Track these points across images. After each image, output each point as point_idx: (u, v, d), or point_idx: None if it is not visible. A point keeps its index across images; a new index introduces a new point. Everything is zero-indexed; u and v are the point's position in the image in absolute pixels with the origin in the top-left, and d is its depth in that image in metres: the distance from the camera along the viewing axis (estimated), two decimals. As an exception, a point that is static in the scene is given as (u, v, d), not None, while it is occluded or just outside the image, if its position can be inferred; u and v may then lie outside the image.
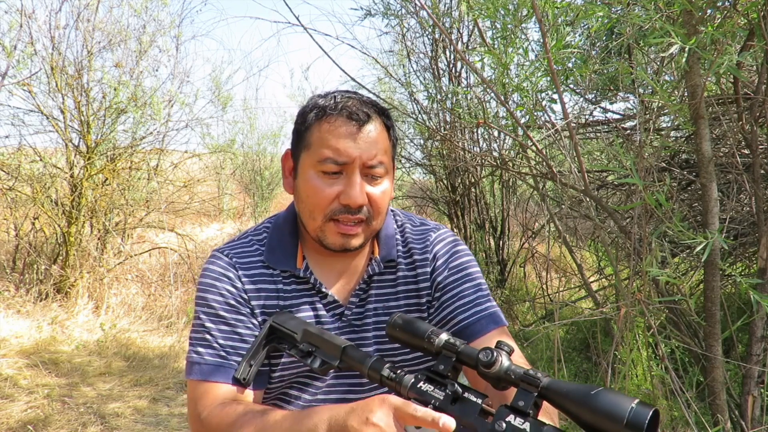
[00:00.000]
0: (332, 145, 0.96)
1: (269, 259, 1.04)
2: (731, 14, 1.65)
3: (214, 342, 0.98)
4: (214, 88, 5.68)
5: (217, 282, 1.02)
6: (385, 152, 1.00)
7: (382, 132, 1.00)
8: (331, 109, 0.98)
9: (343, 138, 0.96)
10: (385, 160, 0.99)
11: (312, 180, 0.98)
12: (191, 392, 0.97)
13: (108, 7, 4.37)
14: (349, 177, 0.97)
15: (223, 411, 0.93)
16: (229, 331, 0.99)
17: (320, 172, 0.97)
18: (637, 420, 0.64)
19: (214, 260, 1.05)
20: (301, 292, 1.04)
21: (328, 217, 0.98)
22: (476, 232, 4.40)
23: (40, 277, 4.08)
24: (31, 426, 2.43)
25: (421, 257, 1.08)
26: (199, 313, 1.01)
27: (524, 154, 2.77)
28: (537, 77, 1.98)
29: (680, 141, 2.54)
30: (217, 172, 7.24)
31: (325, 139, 0.97)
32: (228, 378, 0.96)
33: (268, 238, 1.07)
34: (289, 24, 2.28)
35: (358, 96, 1.02)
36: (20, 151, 4.16)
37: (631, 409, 0.65)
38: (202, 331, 1.00)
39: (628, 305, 1.88)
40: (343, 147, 0.96)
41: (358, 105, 0.98)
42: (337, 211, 0.97)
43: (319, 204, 0.98)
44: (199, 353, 0.98)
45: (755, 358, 1.89)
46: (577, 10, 1.97)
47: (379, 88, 4.88)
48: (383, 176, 1.00)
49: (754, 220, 1.99)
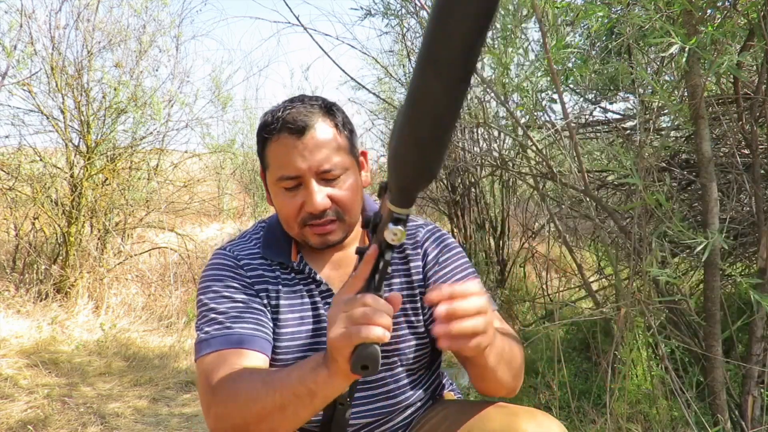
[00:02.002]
0: (282, 164, 1.01)
1: (266, 252, 1.08)
2: (731, 14, 1.65)
3: (218, 316, 1.00)
4: (214, 88, 5.67)
5: (217, 271, 1.06)
6: (338, 150, 1.02)
7: (328, 132, 1.01)
8: (273, 127, 1.01)
9: (288, 154, 1.00)
10: (338, 159, 1.01)
11: (278, 196, 1.04)
12: (201, 369, 0.96)
13: (108, 7, 4.37)
14: (306, 187, 1.01)
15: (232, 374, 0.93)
16: (238, 306, 1.01)
17: (281, 188, 1.02)
18: None
19: (215, 256, 1.10)
20: (299, 280, 1.08)
21: (302, 224, 1.03)
22: (476, 232, 4.40)
23: (40, 277, 4.08)
24: (31, 426, 2.43)
25: (413, 251, 1.11)
26: (201, 300, 1.04)
27: (524, 154, 2.76)
28: (537, 77, 1.98)
29: (680, 141, 2.54)
30: (217, 172, 7.24)
31: (275, 158, 1.02)
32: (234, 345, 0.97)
33: (264, 236, 1.11)
34: (289, 24, 2.28)
35: (299, 103, 1.03)
36: (20, 151, 4.16)
37: None
38: (208, 313, 1.01)
39: (628, 305, 1.88)
40: (290, 163, 0.99)
41: (296, 115, 1.00)
42: (306, 218, 1.02)
43: (289, 215, 1.03)
44: (209, 332, 0.99)
45: (755, 358, 1.89)
46: (577, 10, 1.97)
47: (379, 88, 4.88)
48: (342, 174, 1.02)
49: (754, 220, 1.99)
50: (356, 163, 1.08)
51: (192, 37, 8.00)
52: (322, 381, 0.82)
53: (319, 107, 1.03)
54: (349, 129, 1.07)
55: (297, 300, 1.06)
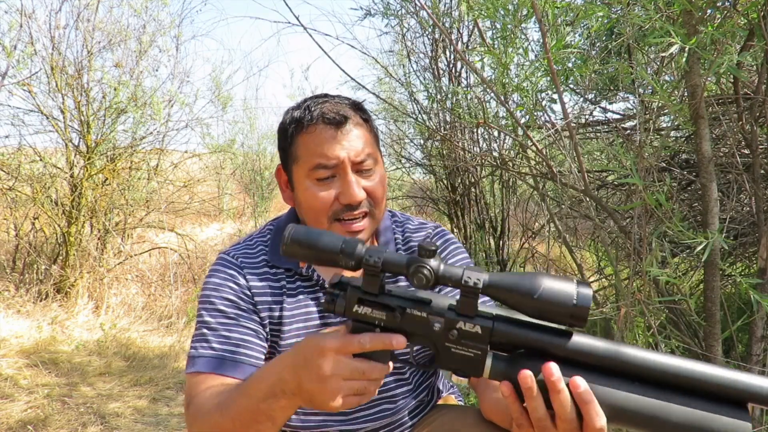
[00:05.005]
0: (319, 153, 1.00)
1: (273, 258, 1.06)
2: (731, 14, 1.65)
3: (211, 336, 0.99)
4: (214, 88, 5.68)
5: (219, 280, 1.04)
6: (369, 144, 1.04)
7: (361, 127, 1.04)
8: (308, 119, 1.01)
9: (326, 144, 1.00)
10: (371, 152, 1.03)
11: (309, 189, 1.02)
12: (187, 386, 0.98)
13: (108, 7, 4.37)
14: (343, 178, 1.00)
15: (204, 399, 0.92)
16: (229, 323, 1.00)
17: (314, 180, 1.01)
18: (583, 304, 0.66)
19: (219, 261, 1.08)
20: (305, 288, 1.06)
21: (332, 219, 1.01)
22: (476, 232, 4.40)
23: (40, 277, 4.08)
24: (31, 426, 2.43)
25: None
26: (200, 311, 1.03)
27: (524, 154, 2.76)
28: (537, 77, 1.97)
29: (680, 141, 2.54)
30: (217, 172, 7.24)
31: (311, 149, 1.01)
32: (224, 371, 0.96)
33: (271, 240, 1.09)
34: (289, 24, 2.28)
35: (330, 98, 1.05)
36: (20, 151, 4.16)
37: (577, 294, 0.66)
38: (201, 327, 1.01)
39: (628, 305, 1.88)
40: (329, 152, 0.99)
41: (332, 108, 1.01)
42: (339, 211, 1.01)
43: (321, 209, 1.01)
44: (197, 349, 0.99)
45: (755, 358, 1.89)
46: (577, 10, 1.97)
47: (379, 88, 4.88)
48: (373, 167, 1.04)
49: (754, 220, 1.99)
50: (381, 159, 1.10)
51: (192, 37, 8.01)
52: (282, 408, 0.79)
53: (350, 104, 1.05)
54: (375, 127, 1.10)
55: (301, 311, 1.05)
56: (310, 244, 0.74)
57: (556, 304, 0.66)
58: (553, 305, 0.66)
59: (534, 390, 0.66)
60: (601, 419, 0.65)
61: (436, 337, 0.72)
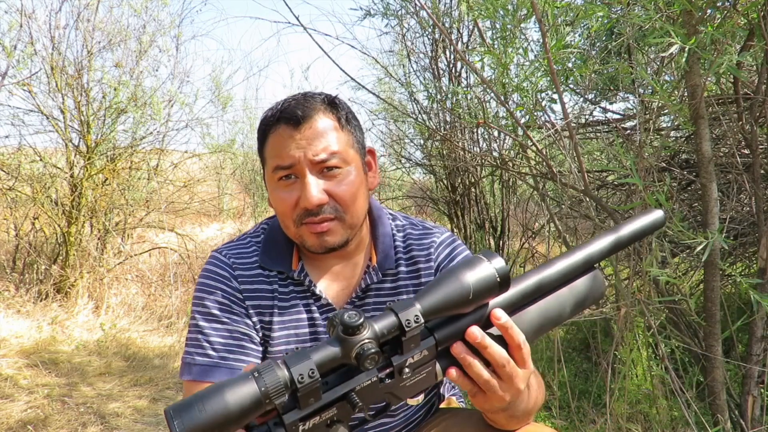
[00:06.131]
0: (276, 153, 0.96)
1: (264, 260, 1.03)
2: (731, 14, 1.65)
3: (205, 342, 0.97)
4: (214, 88, 5.68)
5: (212, 282, 1.02)
6: (338, 142, 0.97)
7: (327, 124, 0.97)
8: (272, 119, 0.98)
9: (283, 143, 0.96)
10: (338, 151, 0.96)
11: (274, 191, 0.99)
12: (185, 394, 0.97)
13: (108, 7, 4.37)
14: (301, 179, 0.96)
15: None
16: (222, 329, 0.98)
17: (277, 182, 0.98)
18: (503, 273, 0.73)
19: (211, 261, 1.05)
20: (297, 294, 1.03)
21: (297, 222, 0.97)
22: (476, 232, 4.40)
23: (40, 277, 4.08)
24: (31, 426, 2.43)
25: (426, 265, 1.05)
26: (194, 313, 1.01)
27: (524, 154, 2.77)
28: (537, 77, 1.97)
29: (680, 141, 2.54)
30: (217, 172, 7.24)
31: (272, 150, 0.98)
32: (207, 378, 0.95)
33: (264, 240, 1.06)
34: (289, 24, 2.28)
35: (303, 95, 1.00)
36: (20, 151, 4.17)
37: (495, 270, 0.73)
38: (195, 331, 0.99)
39: (628, 305, 1.88)
40: (284, 152, 0.95)
41: (296, 105, 0.97)
42: (302, 215, 0.96)
43: (285, 212, 0.98)
44: (191, 354, 0.98)
45: (755, 358, 1.89)
46: (577, 10, 1.97)
47: (379, 88, 4.88)
48: (342, 168, 0.96)
49: (754, 220, 1.99)
50: (361, 161, 1.02)
51: (192, 37, 8.01)
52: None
53: (321, 101, 0.99)
54: (354, 125, 1.02)
55: (292, 317, 1.01)
56: (214, 423, 0.57)
57: (488, 291, 0.72)
58: (486, 293, 0.72)
59: (483, 342, 0.73)
60: (520, 336, 0.75)
61: (391, 386, 0.71)
